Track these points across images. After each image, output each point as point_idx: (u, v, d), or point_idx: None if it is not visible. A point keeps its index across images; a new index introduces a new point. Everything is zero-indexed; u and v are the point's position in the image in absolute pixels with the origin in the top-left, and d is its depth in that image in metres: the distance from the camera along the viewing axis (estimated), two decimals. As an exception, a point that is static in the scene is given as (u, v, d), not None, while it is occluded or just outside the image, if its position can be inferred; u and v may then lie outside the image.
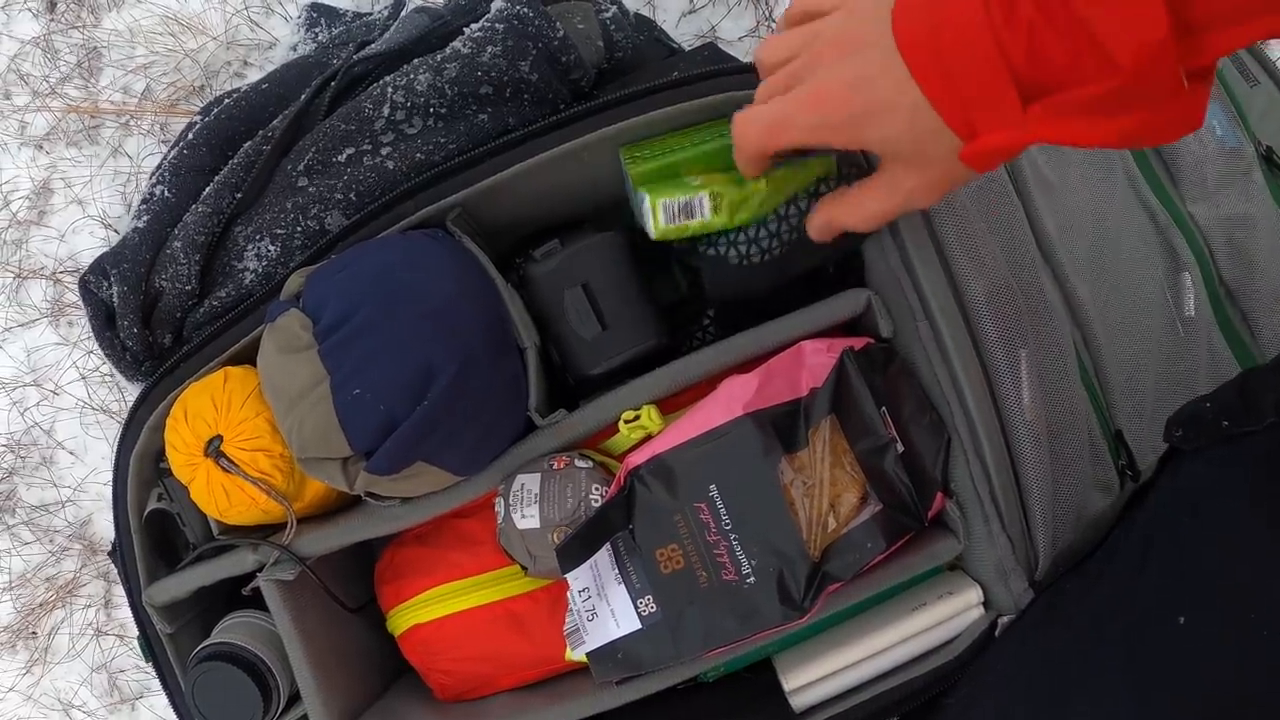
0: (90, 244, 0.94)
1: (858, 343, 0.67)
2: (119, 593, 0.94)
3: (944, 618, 0.68)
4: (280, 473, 0.65)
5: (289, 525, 0.67)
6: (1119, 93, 0.45)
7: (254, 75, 0.93)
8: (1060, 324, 0.72)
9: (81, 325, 0.94)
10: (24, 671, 0.95)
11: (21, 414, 0.95)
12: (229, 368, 0.67)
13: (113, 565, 0.93)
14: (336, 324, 0.60)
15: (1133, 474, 0.75)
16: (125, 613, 0.94)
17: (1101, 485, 0.73)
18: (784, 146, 0.55)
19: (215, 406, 0.65)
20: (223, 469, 0.65)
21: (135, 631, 0.93)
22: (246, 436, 0.64)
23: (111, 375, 0.93)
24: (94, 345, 0.94)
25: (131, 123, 0.94)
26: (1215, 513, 0.58)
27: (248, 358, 0.68)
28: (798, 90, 0.53)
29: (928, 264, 0.66)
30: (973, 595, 0.68)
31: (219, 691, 0.69)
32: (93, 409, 0.93)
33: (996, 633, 0.69)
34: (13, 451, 0.95)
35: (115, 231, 0.94)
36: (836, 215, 0.58)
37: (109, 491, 0.93)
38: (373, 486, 0.63)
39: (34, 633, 0.95)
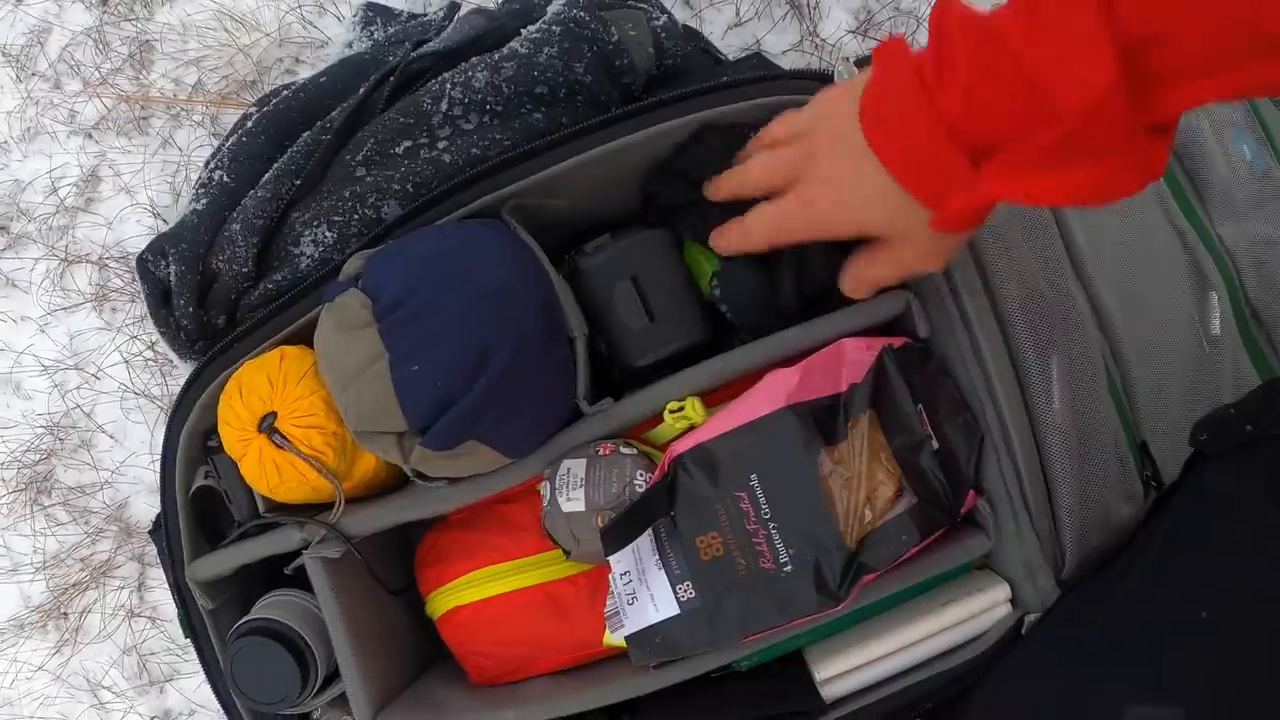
0: (137, 231, 0.96)
1: (896, 342, 0.69)
2: (153, 575, 0.95)
3: (972, 613, 0.70)
4: (332, 450, 0.67)
5: (337, 503, 0.68)
6: (1067, 142, 0.46)
7: (305, 72, 0.95)
8: (1090, 334, 0.74)
9: (125, 311, 0.96)
10: (54, 651, 0.96)
11: (62, 397, 0.96)
12: (285, 347, 0.69)
13: (149, 547, 0.95)
14: (396, 303, 0.62)
15: (1157, 485, 0.77)
16: (158, 595, 0.95)
17: (1127, 494, 0.74)
18: (788, 243, 0.61)
19: (271, 384, 0.67)
20: (275, 445, 0.66)
21: (168, 615, 0.95)
22: (301, 414, 0.66)
23: (154, 360, 0.94)
24: (137, 330, 0.96)
25: (182, 114, 0.96)
26: (1237, 512, 0.60)
27: (302, 339, 0.70)
28: (792, 192, 0.59)
29: (964, 268, 0.69)
30: (1000, 592, 0.70)
31: (258, 666, 0.71)
32: (134, 393, 0.95)
33: (1023, 631, 0.71)
34: (52, 433, 0.97)
35: (163, 220, 0.96)
36: (846, 287, 0.64)
37: (147, 475, 0.96)
38: (424, 463, 0.64)
39: (65, 613, 0.96)
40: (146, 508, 0.95)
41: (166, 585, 0.94)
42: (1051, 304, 0.72)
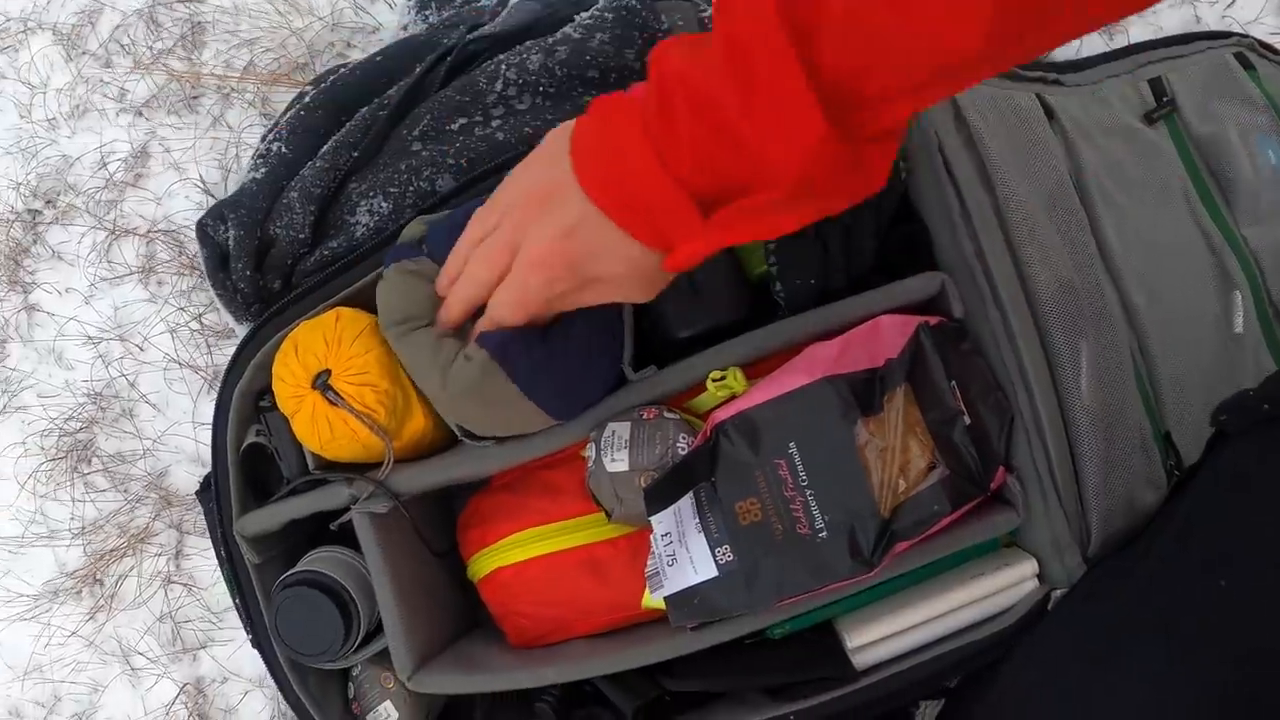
0: (185, 207, 0.99)
1: (932, 320, 0.71)
2: (190, 544, 0.96)
3: (1001, 587, 0.72)
4: (384, 409, 0.69)
5: (387, 460, 0.70)
6: (789, 196, 0.49)
7: (357, 56, 0.97)
8: (1118, 326, 0.76)
9: (171, 284, 0.98)
10: (88, 617, 0.98)
11: (106, 366, 0.98)
12: (341, 308, 0.71)
13: (188, 515, 0.97)
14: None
15: (1180, 474, 0.79)
16: (195, 563, 0.97)
17: (1151, 482, 0.76)
18: (538, 309, 0.59)
19: (326, 342, 0.69)
20: (329, 402, 0.68)
21: (204, 582, 0.97)
22: (355, 372, 0.68)
23: (200, 331, 0.97)
24: (183, 303, 0.98)
25: (233, 94, 0.99)
26: (1256, 487, 0.62)
27: (357, 303, 0.72)
28: (518, 260, 0.57)
29: (997, 253, 0.71)
30: (1028, 567, 0.72)
31: (302, 617, 0.72)
32: (178, 364, 0.97)
33: (1049, 606, 0.73)
34: (94, 402, 0.99)
35: (212, 196, 0.98)
36: (569, 305, 0.60)
37: (188, 445, 0.98)
38: (468, 418, 0.66)
39: (100, 580, 0.98)
40: (187, 476, 0.97)
41: (204, 554, 0.97)
42: (1081, 293, 0.74)
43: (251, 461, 0.77)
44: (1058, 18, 0.44)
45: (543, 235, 0.55)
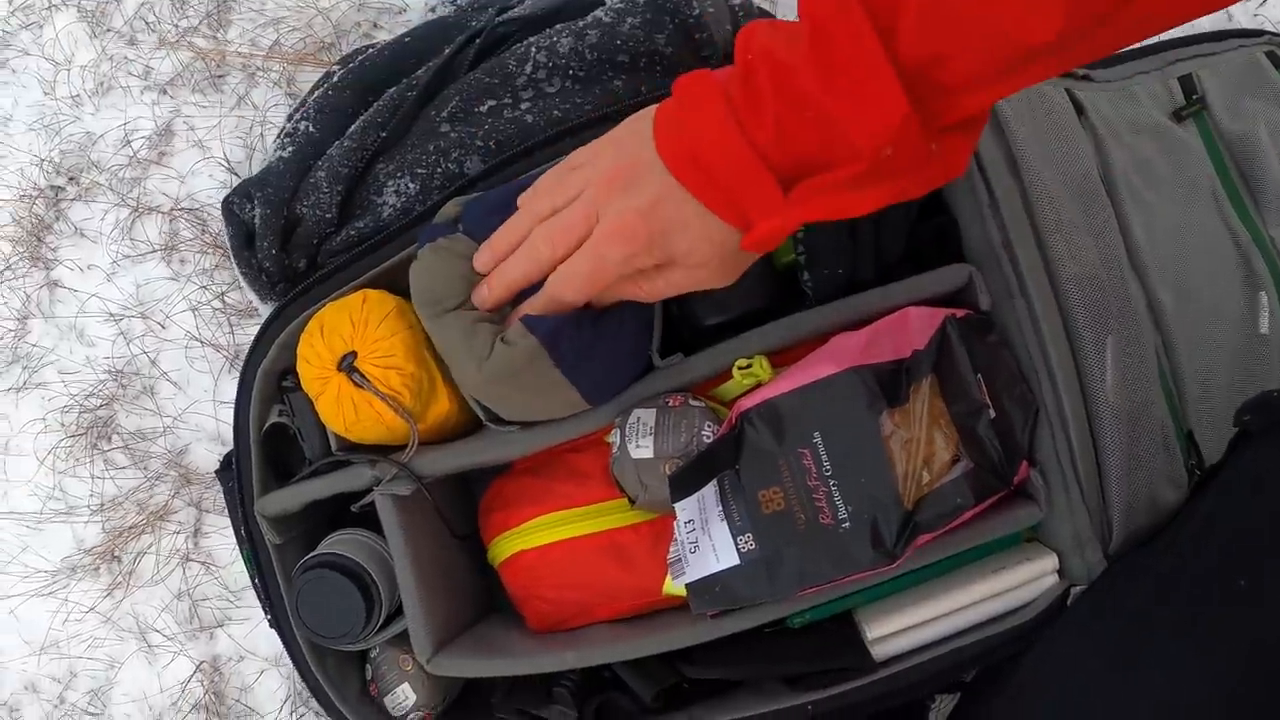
0: (209, 185, 0.99)
1: (959, 312, 0.71)
2: (209, 522, 0.97)
3: (1022, 581, 0.72)
4: (409, 391, 0.69)
5: (411, 441, 0.70)
6: (868, 172, 0.49)
7: (383, 37, 0.97)
8: (1143, 323, 0.76)
9: (194, 262, 0.98)
10: (105, 594, 0.98)
11: (128, 343, 0.98)
12: (367, 290, 0.71)
13: (207, 493, 0.97)
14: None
15: (1201, 474, 0.79)
16: (213, 541, 0.97)
17: (1173, 480, 0.76)
18: (607, 287, 0.59)
19: (353, 324, 0.69)
20: (354, 384, 0.68)
21: (223, 561, 0.97)
22: (380, 354, 0.68)
23: (222, 310, 0.97)
24: (206, 281, 0.98)
25: (258, 73, 0.99)
26: (1277, 488, 0.62)
27: (383, 284, 0.72)
28: (598, 231, 0.57)
29: (1025, 246, 0.71)
30: (1049, 562, 0.72)
31: (323, 599, 0.73)
32: (200, 342, 0.97)
33: (1069, 602, 0.73)
34: (115, 379, 0.99)
35: (236, 175, 0.98)
36: (630, 294, 0.61)
37: (209, 423, 0.98)
38: (498, 402, 0.66)
39: (118, 557, 0.98)
40: (207, 454, 0.97)
41: (222, 532, 0.97)
42: (1108, 288, 0.74)
43: (273, 441, 0.77)
44: (1128, 15, 0.45)
45: (624, 208, 0.56)
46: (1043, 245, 0.72)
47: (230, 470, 0.79)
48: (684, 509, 0.68)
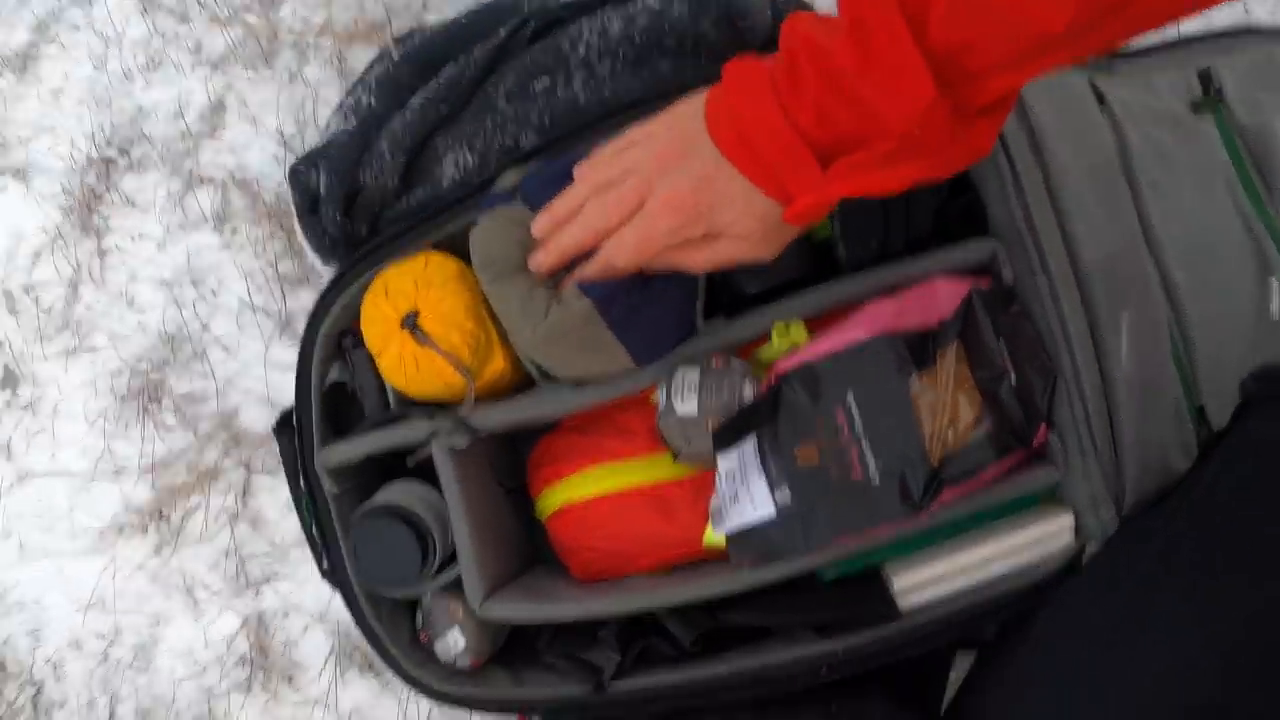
0: (261, 158, 1.03)
1: (984, 283, 0.75)
2: (259, 482, 1.00)
3: (1039, 538, 0.76)
4: (468, 349, 0.73)
5: (469, 397, 0.74)
6: (898, 150, 0.54)
7: (433, 18, 1.01)
8: (1158, 301, 0.80)
9: (244, 232, 1.02)
10: (153, 552, 1.02)
11: (179, 310, 1.02)
12: (430, 253, 0.75)
13: (256, 454, 1.01)
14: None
15: (1206, 445, 0.83)
16: (261, 501, 1.00)
17: (1185, 449, 0.80)
18: (656, 255, 0.64)
19: (416, 284, 0.73)
20: (417, 341, 0.72)
21: (270, 519, 1.01)
22: (442, 313, 0.72)
23: (275, 278, 1.00)
24: (258, 250, 1.02)
25: (309, 51, 1.03)
26: (1277, 453, 0.66)
27: (443, 249, 0.76)
28: (650, 203, 0.62)
29: (1047, 226, 0.75)
30: (1066, 520, 0.76)
31: (380, 544, 0.76)
32: (251, 308, 1.01)
33: (1083, 560, 0.77)
34: (166, 344, 1.03)
35: (289, 149, 1.02)
36: (678, 263, 0.65)
37: (259, 387, 1.02)
38: (552, 360, 0.71)
39: (166, 516, 1.02)
40: (257, 416, 1.01)
41: (271, 492, 1.01)
42: (1125, 268, 0.78)
43: (330, 400, 0.81)
44: (1137, 6, 0.49)
45: (677, 183, 0.61)
46: (1063, 225, 0.76)
47: (288, 427, 0.82)
48: (725, 461, 0.72)
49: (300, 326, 0.79)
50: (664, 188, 0.61)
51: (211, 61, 1.06)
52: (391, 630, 0.81)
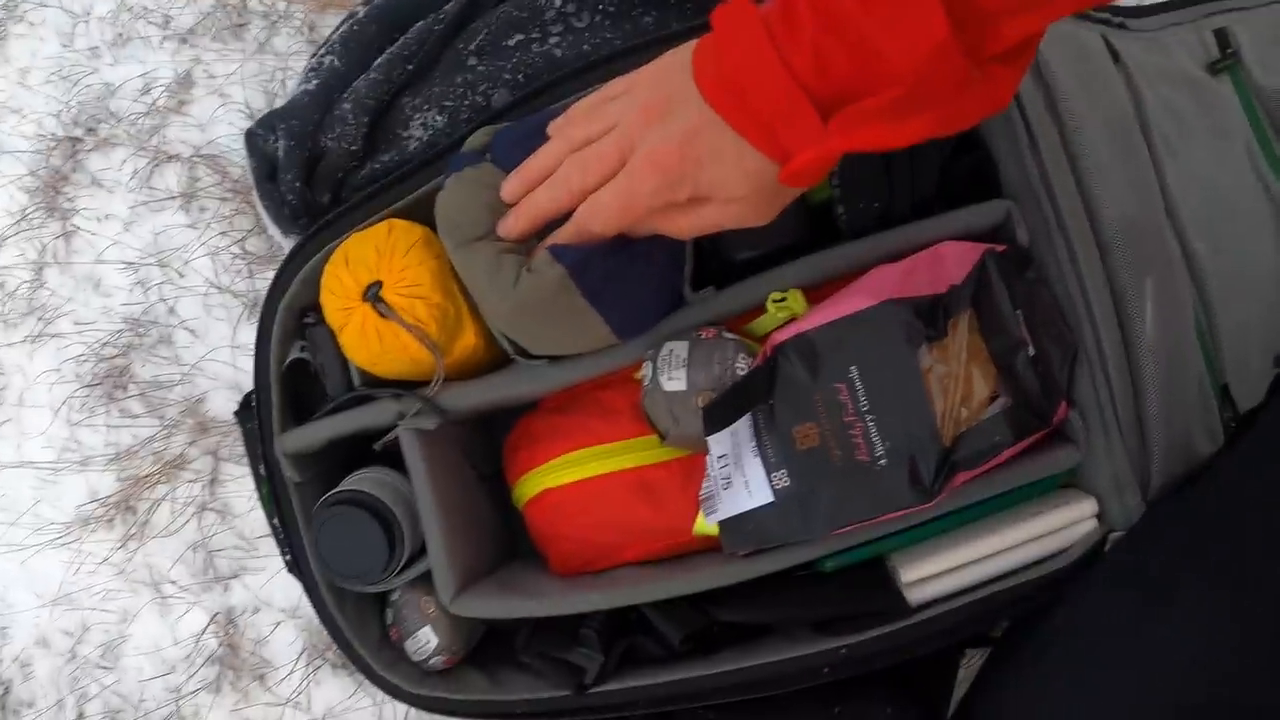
0: (229, 132, 0.98)
1: (998, 247, 0.69)
2: (227, 470, 0.95)
3: (1059, 525, 0.70)
4: (435, 322, 0.67)
5: (437, 375, 0.69)
6: (907, 98, 0.48)
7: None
8: (1179, 271, 0.75)
9: (213, 210, 0.97)
10: (119, 545, 0.97)
11: (145, 291, 0.97)
12: (394, 219, 0.70)
13: (224, 441, 0.96)
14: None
15: (1237, 426, 0.77)
16: (230, 490, 0.96)
17: (1209, 432, 0.75)
18: (637, 220, 0.58)
19: (378, 253, 0.67)
20: (380, 314, 0.67)
21: (239, 510, 0.96)
22: (407, 284, 0.67)
23: (241, 257, 0.95)
24: (225, 228, 0.97)
25: (280, 21, 0.98)
26: None
27: (409, 215, 0.71)
28: (631, 162, 0.56)
29: (1064, 183, 0.70)
30: (1088, 506, 0.70)
31: (345, 537, 0.71)
32: (218, 289, 0.96)
33: (1106, 549, 0.71)
34: (131, 328, 0.98)
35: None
36: (662, 228, 0.59)
37: (226, 371, 0.97)
38: (525, 334, 0.65)
39: (132, 507, 0.97)
40: (225, 402, 0.96)
41: (239, 481, 0.96)
42: (1146, 231, 0.72)
43: (294, 380, 0.76)
44: None
45: (661, 138, 0.54)
46: (1081, 183, 0.71)
47: (249, 410, 0.77)
48: (717, 443, 0.66)
49: (267, 307, 0.74)
50: (646, 144, 0.55)
51: (180, 35, 1.01)
52: (359, 628, 0.75)
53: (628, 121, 0.56)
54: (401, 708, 0.92)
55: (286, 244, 0.76)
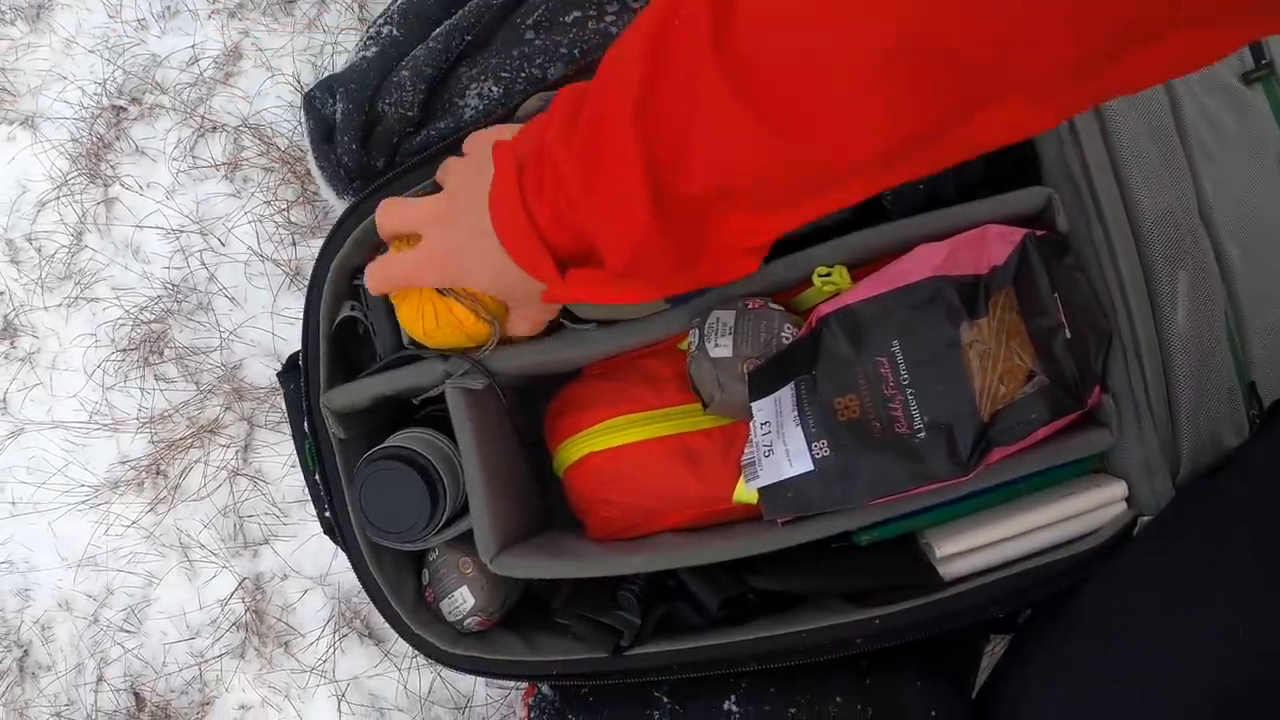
0: (276, 104, 0.99)
1: (1038, 232, 0.71)
2: (261, 437, 0.96)
3: (1090, 506, 0.71)
4: (493, 298, 0.68)
5: (492, 339, 0.70)
6: (624, 272, 0.54)
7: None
8: (1211, 268, 0.76)
9: (257, 180, 0.98)
10: (148, 508, 0.98)
11: (186, 258, 0.98)
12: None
13: (259, 408, 0.97)
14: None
15: (1264, 416, 0.79)
16: (263, 456, 0.96)
17: (1236, 428, 0.76)
18: (419, 286, 0.65)
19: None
20: (439, 292, 0.68)
21: (272, 477, 0.96)
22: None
23: (284, 227, 0.97)
24: (269, 197, 0.98)
25: (330, -1, 1.00)
26: None
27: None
28: (420, 247, 0.63)
29: (1103, 174, 0.71)
30: (1119, 489, 0.72)
31: (389, 493, 0.72)
32: (260, 257, 0.97)
33: (1135, 533, 0.72)
34: (171, 294, 0.99)
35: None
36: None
37: (265, 338, 0.98)
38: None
39: (163, 471, 0.98)
40: (262, 369, 0.97)
41: (274, 448, 0.97)
42: (1182, 226, 0.74)
43: (341, 341, 0.77)
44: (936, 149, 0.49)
45: (436, 243, 0.62)
46: (1120, 174, 0.73)
47: (293, 371, 0.78)
48: (760, 410, 0.67)
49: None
50: (428, 241, 0.62)
51: (229, 9, 1.03)
52: (396, 587, 0.76)
53: (432, 215, 0.63)
54: (425, 678, 0.92)
55: (339, 206, 0.77)
